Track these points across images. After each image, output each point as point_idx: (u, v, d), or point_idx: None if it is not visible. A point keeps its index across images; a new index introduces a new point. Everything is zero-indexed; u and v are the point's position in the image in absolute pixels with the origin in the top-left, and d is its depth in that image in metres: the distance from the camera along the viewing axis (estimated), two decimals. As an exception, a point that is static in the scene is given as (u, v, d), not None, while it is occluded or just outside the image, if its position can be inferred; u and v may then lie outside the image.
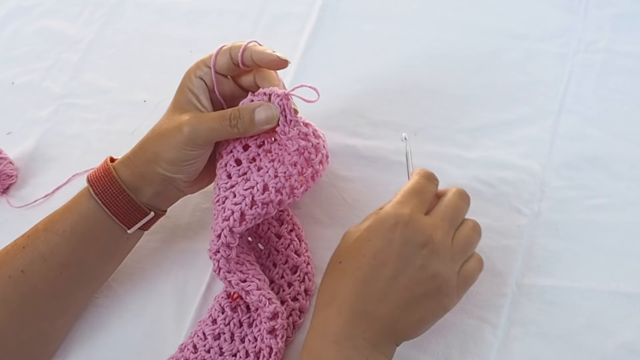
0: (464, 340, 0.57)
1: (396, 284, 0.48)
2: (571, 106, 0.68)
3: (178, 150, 0.54)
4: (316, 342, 0.48)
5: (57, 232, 0.55)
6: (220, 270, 0.54)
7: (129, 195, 0.55)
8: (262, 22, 0.78)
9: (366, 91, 0.71)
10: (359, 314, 0.48)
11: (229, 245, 0.53)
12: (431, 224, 0.50)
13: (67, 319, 0.59)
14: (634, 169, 0.64)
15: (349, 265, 0.50)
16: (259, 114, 0.54)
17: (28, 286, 0.55)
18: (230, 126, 0.54)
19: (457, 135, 0.67)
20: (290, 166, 0.54)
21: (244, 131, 0.54)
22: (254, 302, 0.54)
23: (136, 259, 0.63)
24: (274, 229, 0.61)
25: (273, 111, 0.54)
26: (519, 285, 0.59)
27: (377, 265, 0.49)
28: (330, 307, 0.49)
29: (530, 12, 0.74)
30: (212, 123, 0.54)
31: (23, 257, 0.55)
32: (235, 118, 0.54)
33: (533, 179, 0.64)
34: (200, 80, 0.56)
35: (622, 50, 0.71)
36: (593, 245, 0.60)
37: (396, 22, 0.76)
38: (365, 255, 0.49)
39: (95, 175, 0.56)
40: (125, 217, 0.56)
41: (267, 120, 0.54)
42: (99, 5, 0.81)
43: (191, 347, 0.57)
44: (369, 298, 0.48)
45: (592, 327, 0.57)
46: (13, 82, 0.76)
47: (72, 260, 0.55)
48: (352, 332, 0.48)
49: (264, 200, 0.53)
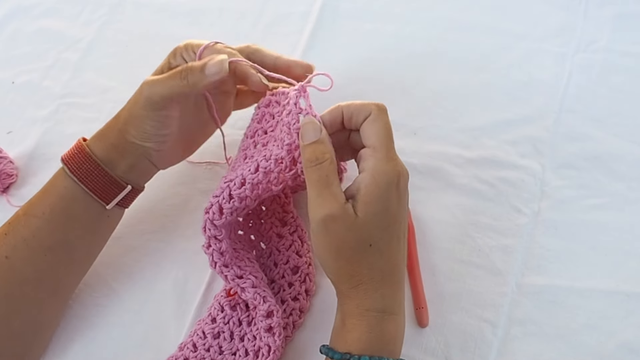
0: (464, 339, 0.57)
1: (405, 230, 0.50)
2: (571, 106, 0.68)
3: (140, 113, 0.54)
4: (378, 319, 0.48)
5: (37, 214, 0.55)
6: (215, 264, 0.54)
7: (104, 169, 0.55)
8: (262, 22, 0.78)
9: (366, 91, 0.71)
10: (402, 278, 0.50)
11: (216, 237, 0.53)
12: (401, 162, 0.50)
13: (56, 304, 0.59)
14: (633, 169, 0.64)
15: (381, 243, 0.48)
16: (210, 66, 0.53)
17: (13, 272, 0.55)
18: (180, 78, 0.53)
19: (457, 134, 0.67)
20: (274, 162, 0.52)
21: (193, 83, 0.53)
22: (249, 299, 0.54)
23: (136, 259, 0.63)
24: (276, 229, 0.61)
25: (223, 64, 0.53)
26: (519, 284, 0.59)
27: (397, 227, 0.49)
28: (384, 284, 0.48)
29: (530, 12, 0.74)
30: (166, 79, 0.54)
31: (6, 244, 0.55)
32: (186, 70, 0.53)
33: (533, 178, 0.64)
34: (183, 60, 0.57)
35: (621, 50, 0.71)
36: (593, 245, 0.60)
37: (396, 22, 0.76)
38: (389, 225, 0.48)
39: (69, 154, 0.56)
40: (103, 192, 0.56)
41: (216, 71, 0.53)
42: (99, 4, 0.81)
43: (191, 346, 0.57)
44: (401, 256, 0.50)
45: (591, 326, 0.57)
46: (13, 82, 0.76)
47: (54, 242, 0.55)
48: (400, 299, 0.49)
49: (240, 195, 0.53)
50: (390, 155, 0.48)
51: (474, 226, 0.62)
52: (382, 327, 0.47)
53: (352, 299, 0.48)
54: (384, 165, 0.47)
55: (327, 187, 0.48)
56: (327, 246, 0.48)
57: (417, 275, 0.59)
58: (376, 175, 0.47)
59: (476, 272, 0.60)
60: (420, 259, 0.60)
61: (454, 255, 0.61)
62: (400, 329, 0.49)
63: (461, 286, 0.59)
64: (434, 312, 0.58)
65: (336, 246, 0.48)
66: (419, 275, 0.59)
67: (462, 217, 0.62)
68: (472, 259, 0.60)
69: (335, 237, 0.47)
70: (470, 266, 0.60)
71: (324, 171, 0.48)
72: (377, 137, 0.48)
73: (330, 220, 0.47)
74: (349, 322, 0.48)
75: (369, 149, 0.48)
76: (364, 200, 0.47)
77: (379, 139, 0.48)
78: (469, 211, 0.63)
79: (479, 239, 0.61)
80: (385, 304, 0.48)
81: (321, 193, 0.48)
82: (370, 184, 0.47)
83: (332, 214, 0.47)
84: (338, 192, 0.48)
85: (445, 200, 0.63)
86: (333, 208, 0.47)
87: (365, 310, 0.48)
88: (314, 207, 0.48)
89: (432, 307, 0.58)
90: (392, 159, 0.48)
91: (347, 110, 0.51)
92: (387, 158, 0.48)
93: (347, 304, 0.49)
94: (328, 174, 0.48)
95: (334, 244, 0.48)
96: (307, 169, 0.49)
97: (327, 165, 0.48)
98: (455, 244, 0.61)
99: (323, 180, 0.48)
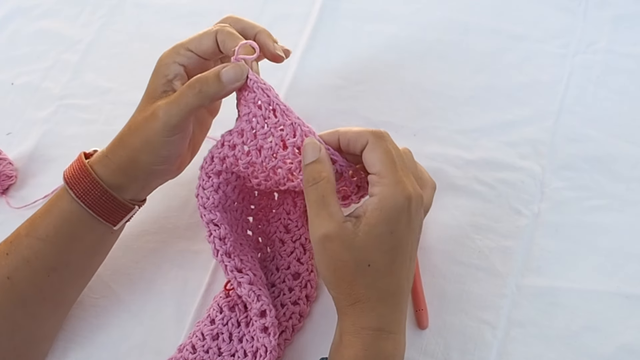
0: (464, 341, 0.57)
1: (412, 252, 0.50)
2: (571, 107, 0.68)
3: (158, 140, 0.52)
4: (374, 338, 0.48)
5: (41, 237, 0.54)
6: (217, 253, 0.54)
7: (112, 194, 0.54)
8: (262, 22, 0.76)
9: (366, 92, 0.71)
10: (404, 299, 0.49)
11: (213, 222, 0.54)
12: (413, 181, 0.49)
13: (57, 317, 0.58)
14: (633, 170, 0.64)
15: (381, 264, 0.48)
16: (226, 73, 0.52)
17: (16, 292, 0.54)
18: (193, 93, 0.51)
19: (457, 136, 0.67)
20: (237, 134, 0.53)
21: (213, 94, 0.52)
22: (244, 295, 0.54)
23: (135, 260, 0.63)
24: (280, 234, 0.61)
25: (241, 67, 0.52)
26: (519, 286, 0.59)
27: (403, 250, 0.48)
28: (382, 304, 0.48)
29: (530, 13, 0.74)
30: (179, 98, 0.52)
31: (7, 264, 0.53)
32: (201, 82, 0.52)
33: (533, 180, 0.64)
34: (179, 67, 0.55)
35: (621, 51, 0.71)
36: (593, 246, 0.60)
37: (396, 24, 0.76)
38: (393, 247, 0.48)
39: (73, 177, 0.54)
40: (111, 216, 0.55)
41: (235, 78, 0.52)
42: (99, 5, 0.81)
43: (190, 347, 0.57)
44: (405, 277, 0.49)
45: (591, 328, 0.57)
46: (13, 83, 0.76)
47: (58, 263, 0.55)
48: (400, 318, 0.49)
49: (220, 155, 0.54)
50: (397, 179, 0.47)
51: (474, 228, 0.62)
52: (378, 345, 0.47)
53: (349, 316, 0.49)
54: (391, 189, 0.47)
55: (324, 207, 0.48)
56: (325, 264, 0.49)
57: (417, 277, 0.59)
58: (383, 199, 0.47)
59: (476, 274, 0.60)
60: (420, 260, 0.60)
61: (454, 256, 0.61)
62: (399, 348, 0.49)
63: (461, 288, 0.59)
64: (433, 314, 0.58)
65: (334, 264, 0.48)
66: (418, 277, 0.59)
67: (462, 219, 0.62)
68: (472, 260, 0.60)
69: (332, 256, 0.48)
70: (470, 268, 0.60)
71: (320, 191, 0.48)
72: (381, 164, 0.48)
73: (327, 240, 0.47)
74: (346, 339, 0.48)
75: (376, 176, 0.48)
76: (368, 222, 0.47)
77: (383, 166, 0.48)
78: (468, 213, 0.63)
79: (478, 240, 0.61)
80: (383, 323, 0.48)
81: (319, 213, 0.48)
82: (376, 208, 0.47)
83: (328, 233, 0.47)
84: (335, 211, 0.48)
85: (445, 202, 0.63)
86: (330, 227, 0.47)
87: (361, 328, 0.48)
88: (312, 226, 0.49)
89: (431, 309, 0.58)
90: (399, 182, 0.47)
91: (343, 138, 0.50)
92: (394, 182, 0.47)
93: (344, 320, 0.49)
94: (325, 194, 0.48)
95: (332, 263, 0.48)
96: (306, 189, 0.49)
97: (323, 185, 0.48)
98: (455, 245, 0.61)
99: (320, 200, 0.48)
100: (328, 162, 0.49)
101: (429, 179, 0.55)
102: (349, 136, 0.50)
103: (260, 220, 0.61)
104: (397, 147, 0.50)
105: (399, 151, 0.50)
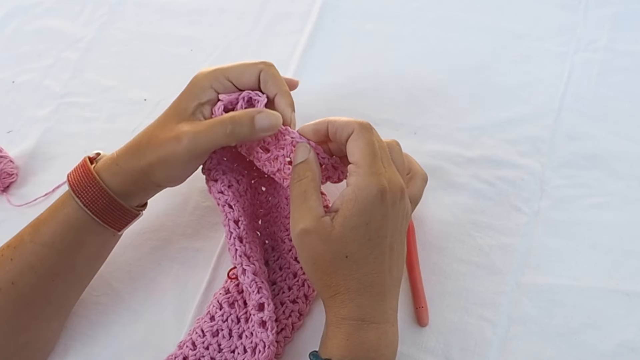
0: (464, 338, 0.57)
1: (394, 243, 0.49)
2: (571, 105, 0.68)
3: (177, 163, 0.53)
4: (355, 328, 0.48)
5: (46, 243, 0.53)
6: (230, 235, 0.54)
7: (119, 203, 0.54)
8: (262, 22, 0.78)
9: (366, 90, 0.71)
10: (387, 289, 0.49)
11: (228, 204, 0.55)
12: (393, 173, 0.49)
13: (61, 318, 0.59)
14: (633, 168, 0.64)
15: (358, 255, 0.48)
16: (260, 120, 0.52)
17: (20, 297, 0.54)
18: (224, 132, 0.51)
19: (457, 134, 0.67)
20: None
21: (243, 138, 0.52)
22: (246, 284, 0.54)
23: (136, 257, 0.63)
24: (280, 234, 0.61)
25: (276, 117, 0.52)
26: (519, 283, 0.59)
27: (380, 240, 0.48)
28: (362, 294, 0.48)
29: (530, 11, 0.74)
30: (210, 132, 0.52)
31: (12, 270, 0.53)
32: (234, 123, 0.51)
33: (533, 177, 0.64)
34: (214, 93, 0.55)
35: (621, 49, 0.71)
36: (592, 244, 0.60)
37: (396, 22, 0.76)
38: (370, 239, 0.48)
39: (79, 184, 0.54)
40: (117, 223, 0.55)
41: (269, 127, 0.52)
42: (100, 4, 0.81)
43: (190, 344, 0.57)
44: (387, 268, 0.49)
45: (591, 325, 0.57)
46: (13, 81, 0.76)
47: (63, 268, 0.55)
48: (384, 308, 0.49)
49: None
50: (373, 171, 0.48)
51: (474, 225, 0.62)
52: (360, 335, 0.48)
53: (330, 307, 0.49)
54: (366, 180, 0.47)
55: (304, 202, 0.49)
56: (304, 258, 0.49)
57: (417, 275, 0.59)
58: (357, 190, 0.48)
59: (476, 271, 0.60)
60: (420, 258, 0.60)
61: (454, 254, 0.61)
62: (384, 338, 0.48)
63: (461, 285, 0.59)
64: (434, 311, 0.58)
65: (312, 258, 0.49)
66: (419, 274, 0.59)
67: (462, 216, 0.62)
68: (472, 258, 0.60)
69: (310, 249, 0.48)
70: (470, 265, 0.60)
71: (302, 187, 0.49)
72: (360, 154, 0.48)
73: (305, 233, 0.48)
74: (329, 330, 0.49)
75: (353, 165, 0.49)
76: (343, 214, 0.48)
77: (361, 156, 0.48)
78: (469, 210, 0.63)
79: (479, 238, 0.61)
80: (363, 313, 0.48)
81: (298, 208, 0.49)
82: (351, 199, 0.48)
83: (306, 227, 0.48)
84: (315, 206, 0.48)
85: (445, 200, 0.63)
86: (307, 221, 0.48)
87: (342, 318, 0.48)
88: (292, 221, 0.49)
89: (432, 306, 0.58)
90: (374, 174, 0.48)
91: (332, 126, 0.51)
92: (369, 173, 0.48)
93: (327, 312, 0.50)
94: (306, 189, 0.49)
95: (310, 256, 0.49)
96: (291, 186, 0.50)
97: (306, 182, 0.49)
98: (455, 243, 0.61)
99: (301, 195, 0.49)
100: (314, 163, 0.51)
101: (419, 170, 0.56)
102: (337, 125, 0.51)
103: (268, 221, 0.62)
104: (382, 140, 0.50)
105: (383, 144, 0.50)
